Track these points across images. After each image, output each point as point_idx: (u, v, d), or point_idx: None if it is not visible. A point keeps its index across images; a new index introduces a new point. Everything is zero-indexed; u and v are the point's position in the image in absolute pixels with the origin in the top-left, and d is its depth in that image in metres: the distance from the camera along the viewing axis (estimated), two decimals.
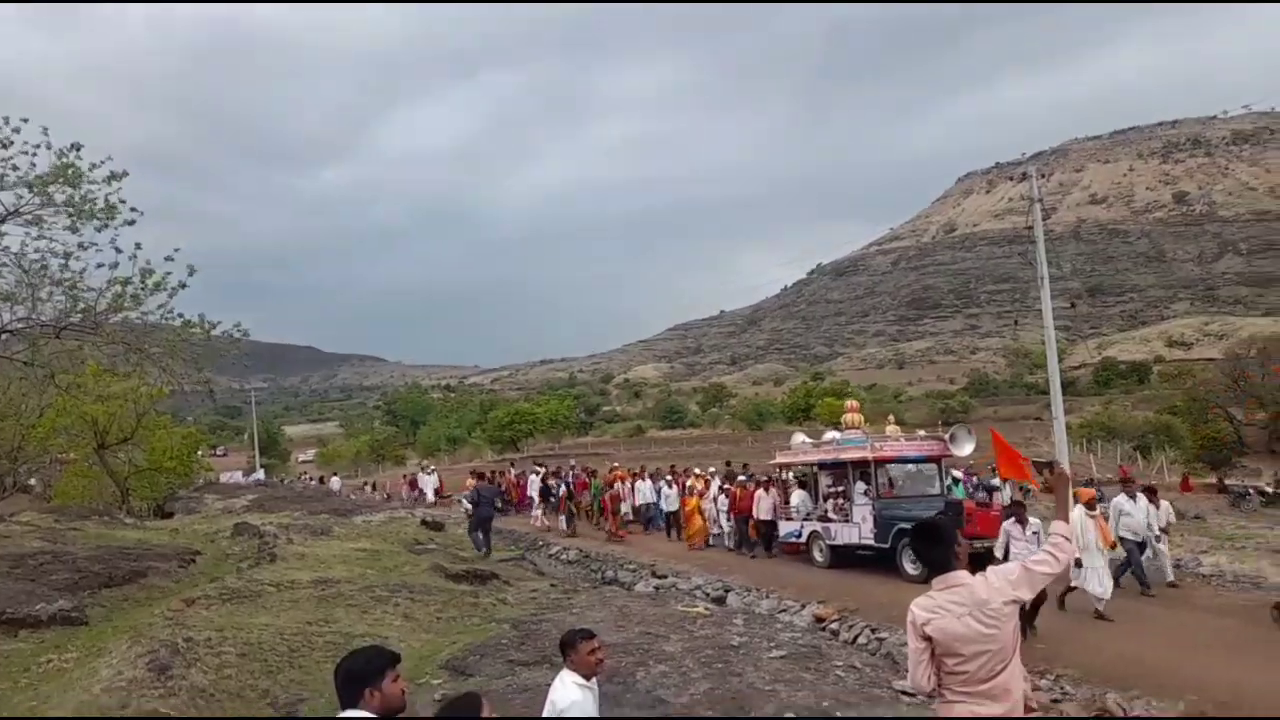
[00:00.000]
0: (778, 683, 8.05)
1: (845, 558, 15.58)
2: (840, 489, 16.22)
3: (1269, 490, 27.71)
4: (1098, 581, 10.87)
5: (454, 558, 15.43)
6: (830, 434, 17.84)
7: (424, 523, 20.29)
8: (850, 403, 19.03)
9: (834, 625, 11.79)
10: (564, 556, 19.90)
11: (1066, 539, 3.92)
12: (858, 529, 15.18)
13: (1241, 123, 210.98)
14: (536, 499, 25.41)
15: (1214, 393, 48.42)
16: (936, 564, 3.87)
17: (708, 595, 14.26)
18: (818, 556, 16.20)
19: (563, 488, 25.05)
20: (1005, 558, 10.39)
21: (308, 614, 10.00)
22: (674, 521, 20.90)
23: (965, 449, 15.28)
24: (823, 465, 16.84)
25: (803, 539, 16.73)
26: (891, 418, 18.71)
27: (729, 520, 18.72)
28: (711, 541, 19.28)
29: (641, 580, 16.15)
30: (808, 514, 16.87)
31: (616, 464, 28.21)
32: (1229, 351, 59.38)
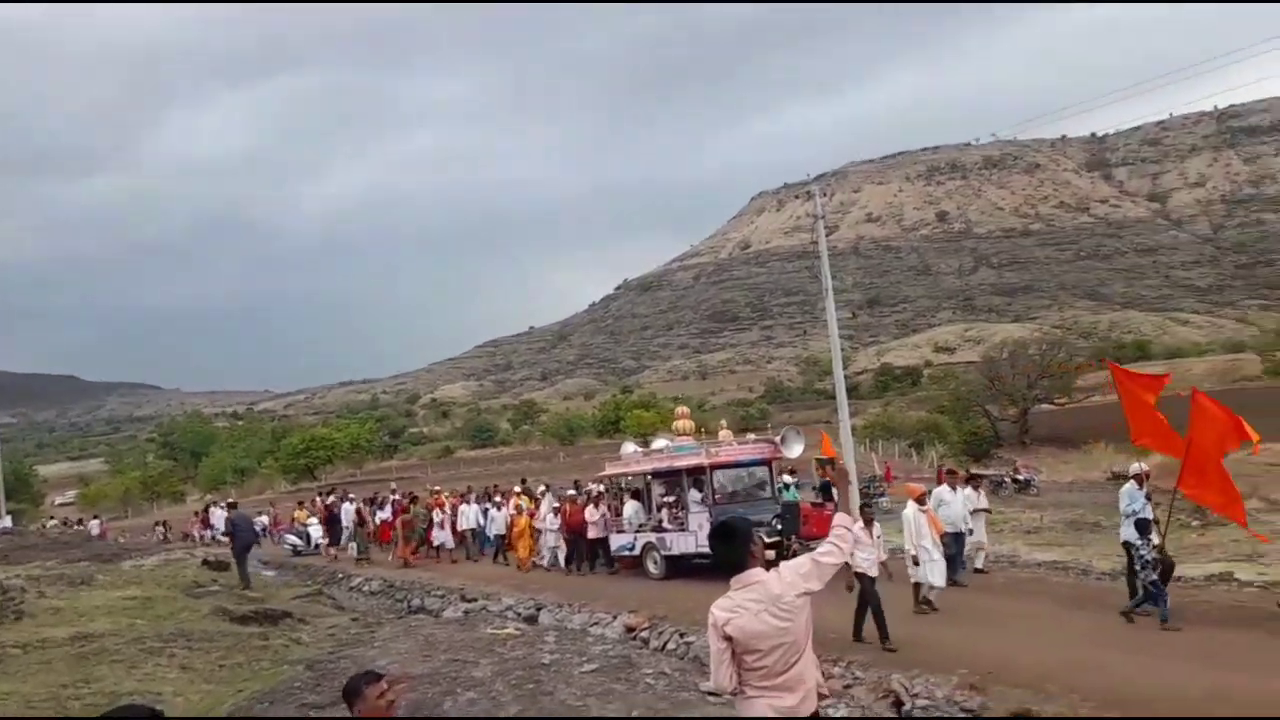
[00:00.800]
0: (589, 696, 8.01)
1: (681, 568, 15.35)
2: (674, 497, 15.93)
3: (1020, 478, 31.11)
4: (939, 574, 11.08)
5: (240, 599, 14.26)
6: (659, 442, 17.59)
7: (205, 563, 18.66)
8: (680, 409, 18.58)
9: (644, 634, 11.89)
10: (366, 588, 18.91)
11: (848, 529, 4.14)
12: (694, 537, 14.84)
13: (990, 150, 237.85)
14: (348, 526, 23.82)
15: (974, 392, 53.91)
16: (733, 563, 3.93)
17: (519, 615, 14.01)
18: (652, 568, 15.75)
19: (377, 514, 23.77)
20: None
21: (62, 675, 8.86)
22: (503, 544, 19.99)
23: (795, 450, 15.38)
24: (656, 474, 16.44)
25: (636, 551, 16.26)
26: (724, 422, 18.58)
27: (558, 538, 17.95)
28: (541, 561, 18.52)
29: (450, 606, 15.63)
30: (640, 525, 16.39)
31: (438, 487, 26.92)
32: (985, 355, 66.33)
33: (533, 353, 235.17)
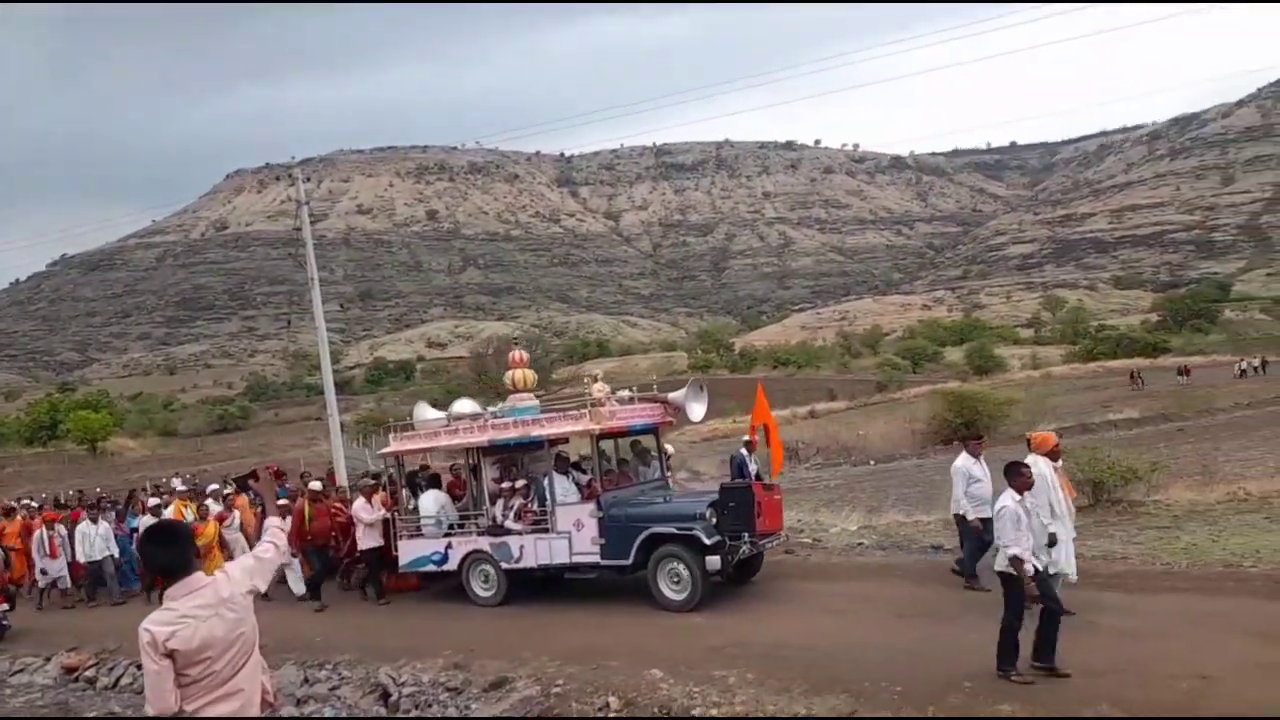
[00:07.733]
0: None
1: (526, 587, 10.68)
2: (519, 483, 10.92)
3: None
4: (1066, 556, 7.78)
5: None
6: (463, 404, 12.25)
7: None
8: (516, 353, 12.31)
9: (90, 673, 10.17)
10: None
11: (281, 530, 4.31)
12: (567, 541, 10.15)
13: (475, 155, 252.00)
14: None
15: (464, 386, 56.82)
16: (173, 568, 3.67)
17: None
18: (480, 590, 10.71)
19: None
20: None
21: None
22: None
23: (698, 412, 11.32)
24: (492, 448, 10.93)
25: (450, 564, 10.91)
26: (599, 373, 12.17)
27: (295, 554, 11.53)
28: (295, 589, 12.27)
29: None
30: (454, 525, 11.17)
31: (30, 500, 17.87)
32: (474, 350, 70.32)
33: None
